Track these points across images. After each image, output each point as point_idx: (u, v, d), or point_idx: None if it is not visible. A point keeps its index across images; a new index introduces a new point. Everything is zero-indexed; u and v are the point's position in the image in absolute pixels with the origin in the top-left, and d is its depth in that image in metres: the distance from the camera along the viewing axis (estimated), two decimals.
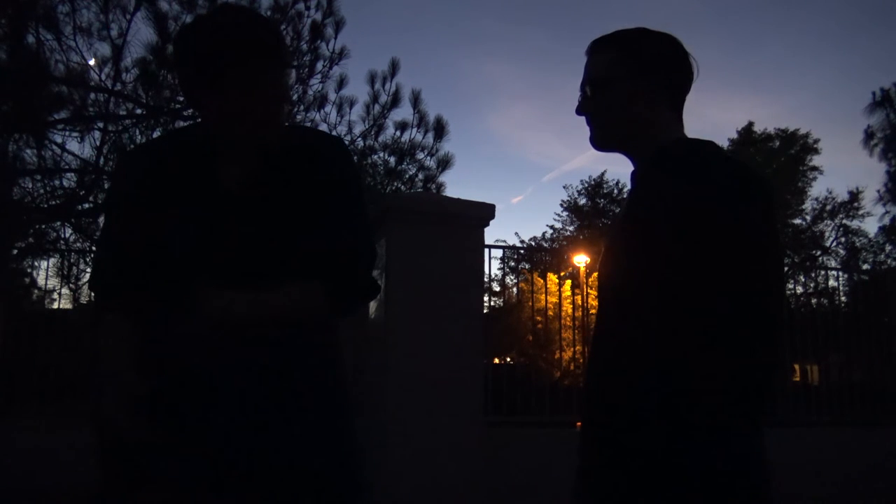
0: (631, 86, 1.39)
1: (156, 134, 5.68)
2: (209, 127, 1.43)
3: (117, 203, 1.49)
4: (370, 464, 3.92)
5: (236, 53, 1.32)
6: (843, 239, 26.88)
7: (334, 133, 6.88)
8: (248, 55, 1.32)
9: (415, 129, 7.16)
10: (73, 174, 5.88)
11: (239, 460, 1.32)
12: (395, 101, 7.03)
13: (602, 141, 1.46)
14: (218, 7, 1.41)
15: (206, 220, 1.37)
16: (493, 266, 40.18)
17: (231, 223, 1.37)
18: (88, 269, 5.70)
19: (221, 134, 1.40)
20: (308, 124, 6.63)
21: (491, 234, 12.84)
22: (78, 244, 6.07)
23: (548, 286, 7.90)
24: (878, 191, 21.07)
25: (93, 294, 1.53)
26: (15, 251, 5.99)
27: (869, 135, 19.92)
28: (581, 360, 7.10)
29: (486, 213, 4.34)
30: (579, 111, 1.47)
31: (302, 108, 6.57)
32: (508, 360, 12.93)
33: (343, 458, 1.42)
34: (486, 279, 4.74)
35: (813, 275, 7.78)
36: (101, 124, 5.72)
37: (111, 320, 1.39)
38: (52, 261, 5.87)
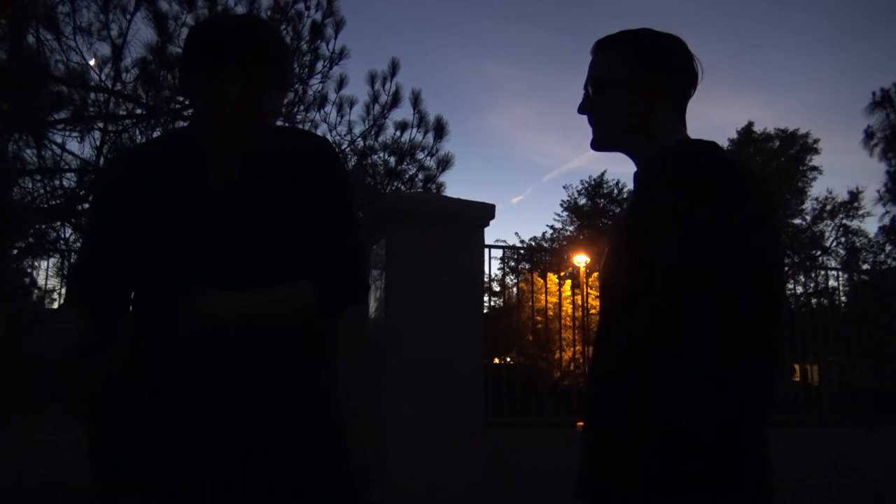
0: (634, 86, 1.39)
1: (156, 134, 5.69)
2: (201, 128, 1.43)
3: (102, 207, 1.50)
4: (362, 463, 3.92)
5: (242, 58, 1.33)
6: (843, 239, 26.90)
7: (334, 133, 6.90)
8: (252, 63, 1.33)
9: (415, 129, 7.17)
10: (73, 174, 5.89)
11: (228, 461, 1.32)
12: (395, 101, 7.04)
13: (603, 141, 1.46)
14: (237, 14, 1.44)
15: (195, 222, 1.38)
16: (493, 266, 40.23)
17: (219, 226, 1.38)
18: None
19: (212, 135, 1.41)
20: (308, 124, 6.64)
21: (491, 234, 12.86)
22: (78, 244, 6.06)
23: (548, 286, 7.90)
24: (878, 191, 21.10)
25: (66, 295, 1.56)
26: (15, 251, 5.99)
27: (869, 135, 19.92)
28: (581, 360, 7.10)
29: (486, 213, 4.34)
30: (581, 110, 1.47)
31: (302, 108, 6.57)
32: (508, 360, 12.93)
33: (332, 456, 1.42)
34: (486, 279, 4.74)
35: (813, 275, 7.77)
36: (101, 124, 5.72)
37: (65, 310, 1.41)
38: (52, 261, 5.88)
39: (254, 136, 1.40)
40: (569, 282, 12.98)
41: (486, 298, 5.01)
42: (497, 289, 17.92)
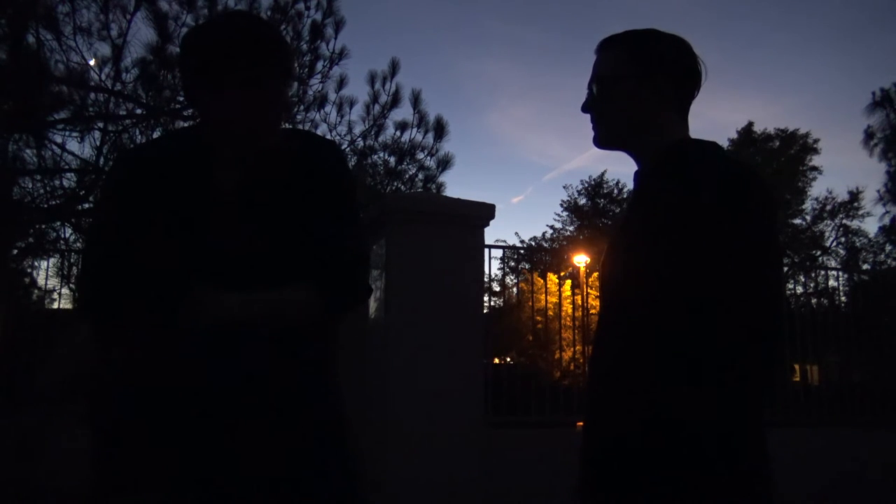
0: (637, 85, 1.40)
1: (156, 134, 5.69)
2: (206, 129, 1.43)
3: (107, 208, 1.50)
4: (367, 466, 3.92)
5: (239, 58, 1.33)
6: (843, 239, 26.91)
7: (334, 133, 6.89)
8: (251, 60, 1.33)
9: (415, 129, 7.16)
10: (73, 174, 5.88)
11: (229, 461, 1.32)
12: (395, 101, 7.02)
13: (605, 139, 1.47)
14: (229, 12, 1.43)
15: (201, 223, 1.38)
16: (493, 266, 40.15)
17: (224, 227, 1.38)
18: None
19: (218, 137, 1.41)
20: (308, 124, 6.63)
21: (491, 234, 12.85)
22: (78, 244, 6.06)
23: (548, 286, 7.90)
24: (878, 191, 21.13)
25: (79, 301, 1.55)
26: (15, 251, 5.99)
27: (869, 135, 19.94)
28: (581, 360, 7.10)
29: (486, 213, 4.34)
30: (585, 109, 1.47)
31: (302, 108, 6.56)
32: (508, 360, 12.93)
33: (334, 456, 1.42)
34: (486, 279, 4.74)
35: (813, 275, 7.78)
36: (101, 124, 5.71)
37: (97, 330, 1.41)
38: (52, 261, 5.88)
39: (265, 134, 1.40)
40: (569, 282, 12.99)
41: (486, 298, 5.01)
42: (497, 289, 17.94)
